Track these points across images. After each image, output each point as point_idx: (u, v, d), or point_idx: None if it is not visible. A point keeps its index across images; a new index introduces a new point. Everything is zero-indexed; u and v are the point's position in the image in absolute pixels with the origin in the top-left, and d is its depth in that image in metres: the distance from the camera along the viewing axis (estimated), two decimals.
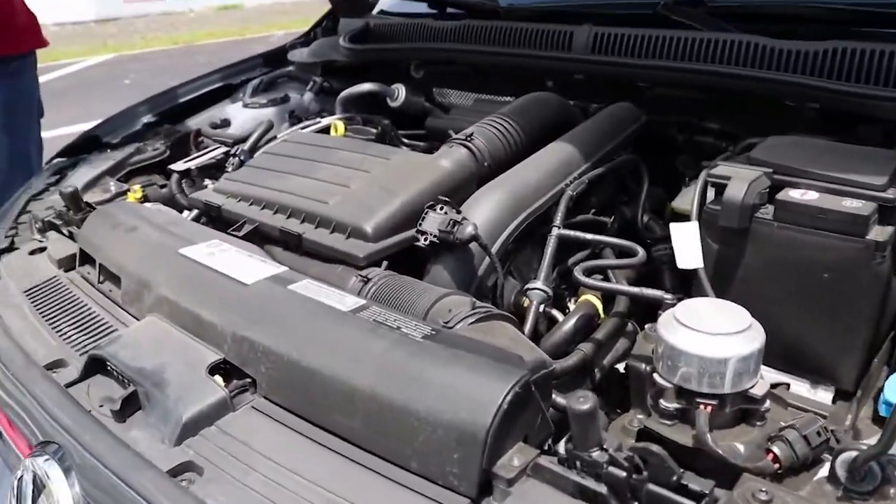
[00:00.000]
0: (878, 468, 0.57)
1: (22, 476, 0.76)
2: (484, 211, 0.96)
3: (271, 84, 1.75)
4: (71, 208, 1.18)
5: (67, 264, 1.11)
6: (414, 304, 0.82)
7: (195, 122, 1.68)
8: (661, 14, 1.28)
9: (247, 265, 0.87)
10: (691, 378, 0.69)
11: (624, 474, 0.54)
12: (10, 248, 1.23)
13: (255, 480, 0.65)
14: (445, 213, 0.91)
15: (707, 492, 0.58)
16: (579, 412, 0.55)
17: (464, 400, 0.61)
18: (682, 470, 0.58)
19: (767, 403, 0.71)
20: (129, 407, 0.75)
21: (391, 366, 0.66)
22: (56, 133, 5.40)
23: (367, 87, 1.52)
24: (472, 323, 0.76)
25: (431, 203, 0.93)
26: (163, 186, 1.42)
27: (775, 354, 0.84)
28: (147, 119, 1.67)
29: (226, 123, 1.50)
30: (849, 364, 0.84)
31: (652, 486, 0.56)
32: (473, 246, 0.92)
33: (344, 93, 1.53)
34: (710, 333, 0.69)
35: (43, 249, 1.19)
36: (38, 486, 0.75)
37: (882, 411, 0.73)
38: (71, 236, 1.18)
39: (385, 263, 0.93)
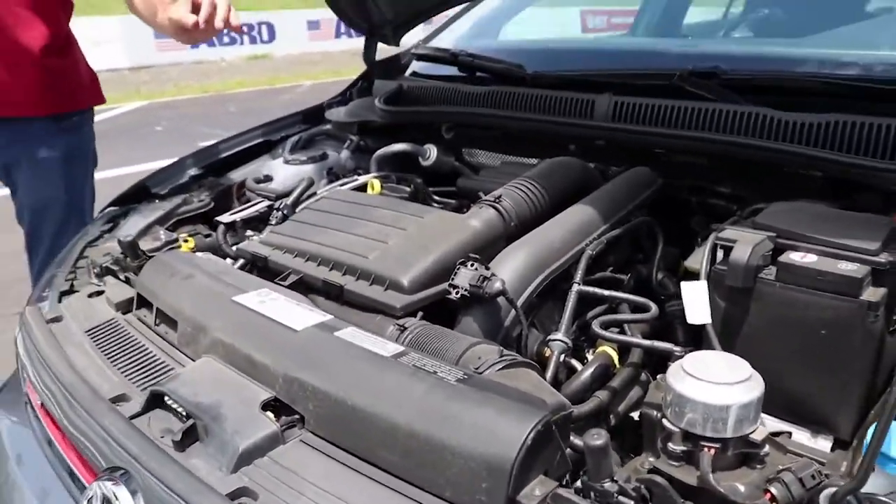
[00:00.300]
0: (856, 502, 0.64)
1: (91, 498, 0.85)
2: (510, 268, 1.05)
3: (309, 141, 1.86)
4: (128, 255, 1.28)
5: (125, 307, 1.21)
6: (447, 352, 0.90)
7: (237, 175, 1.79)
8: (677, 85, 1.38)
9: (295, 313, 0.96)
10: (696, 423, 0.76)
11: (632, 503, 0.62)
12: (71, 291, 1.34)
13: None
14: (475, 269, 1.00)
15: None
16: (593, 447, 0.63)
17: (493, 436, 0.69)
18: (682, 500, 0.65)
19: (766, 448, 0.78)
20: (188, 438, 0.84)
21: (429, 406, 0.74)
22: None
23: (400, 147, 1.62)
24: (499, 369, 0.85)
25: (463, 260, 1.02)
26: (207, 236, 1.51)
27: (778, 405, 0.92)
28: (193, 172, 1.78)
29: (268, 178, 1.60)
30: (846, 415, 0.91)
31: None
32: (500, 300, 1.00)
33: (379, 152, 1.63)
34: (714, 383, 0.76)
35: (101, 293, 1.29)
36: None
37: None
38: (128, 281, 1.27)
39: (420, 314, 1.02)
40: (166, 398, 0.90)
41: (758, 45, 1.75)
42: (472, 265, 1.01)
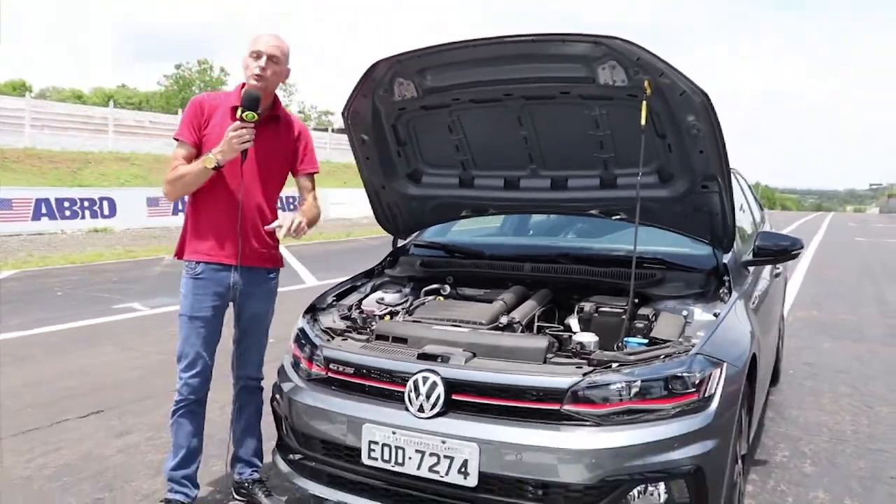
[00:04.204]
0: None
1: (416, 380, 2.81)
2: (518, 317, 3.18)
3: (380, 285, 3.90)
4: (362, 324, 3.28)
5: (365, 342, 3.18)
6: (515, 334, 3.01)
7: (351, 299, 3.75)
8: (555, 258, 3.65)
9: (458, 329, 3.04)
10: (582, 346, 2.93)
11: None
12: (328, 342, 3.27)
13: None
14: (509, 317, 3.12)
15: None
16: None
17: (528, 341, 2.83)
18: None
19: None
20: (443, 361, 2.84)
21: (510, 340, 2.87)
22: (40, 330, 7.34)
23: (435, 286, 3.71)
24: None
25: (503, 312, 3.16)
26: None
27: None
28: (330, 299, 3.75)
29: (382, 300, 3.62)
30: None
31: None
32: (516, 325, 3.12)
33: (426, 288, 3.69)
34: (585, 335, 2.95)
35: (346, 339, 3.24)
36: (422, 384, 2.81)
37: None
38: (361, 334, 3.25)
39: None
40: (428, 353, 2.90)
41: (579, 242, 4.13)
42: (506, 315, 3.14)
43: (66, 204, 18.96)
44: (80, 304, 9.18)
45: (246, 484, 3.60)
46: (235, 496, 3.62)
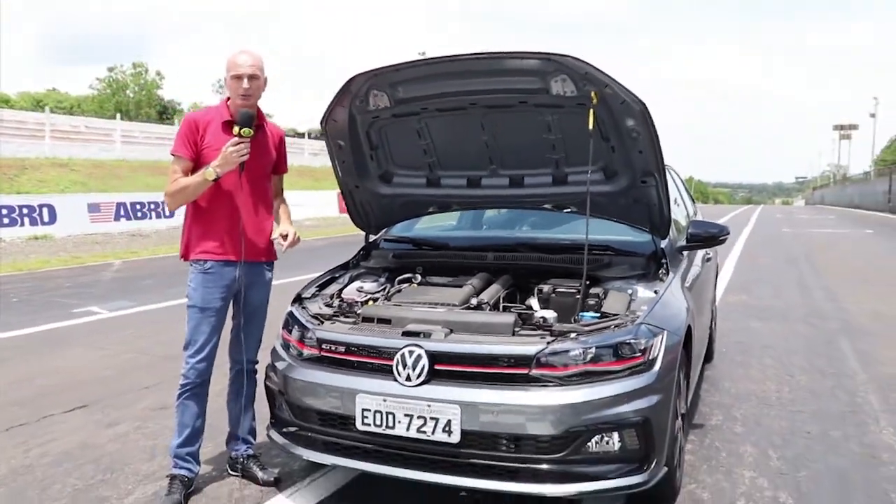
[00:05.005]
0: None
1: (402, 353, 3.23)
2: (487, 297, 3.63)
3: (357, 275, 4.31)
4: (347, 309, 3.69)
5: (352, 324, 3.59)
6: (485, 313, 3.47)
7: (332, 289, 4.14)
8: (513, 247, 4.12)
9: (436, 309, 3.47)
10: (544, 320, 3.40)
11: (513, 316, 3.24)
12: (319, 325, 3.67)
13: None
14: (478, 299, 3.58)
15: None
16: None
17: (501, 317, 3.29)
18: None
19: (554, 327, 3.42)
20: (425, 337, 3.27)
21: (481, 318, 3.33)
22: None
23: (408, 275, 4.14)
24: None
25: (472, 295, 3.61)
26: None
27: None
28: (313, 290, 4.13)
29: (361, 288, 4.03)
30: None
31: None
32: (485, 305, 3.57)
33: (400, 277, 4.13)
34: (542, 311, 3.42)
35: (334, 322, 3.64)
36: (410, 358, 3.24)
37: None
38: (347, 318, 3.66)
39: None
40: (411, 330, 3.32)
41: (534, 233, 4.61)
42: (475, 297, 3.59)
43: (5, 211, 18.64)
44: (38, 309, 9.27)
45: (241, 460, 3.95)
46: (230, 471, 3.97)
